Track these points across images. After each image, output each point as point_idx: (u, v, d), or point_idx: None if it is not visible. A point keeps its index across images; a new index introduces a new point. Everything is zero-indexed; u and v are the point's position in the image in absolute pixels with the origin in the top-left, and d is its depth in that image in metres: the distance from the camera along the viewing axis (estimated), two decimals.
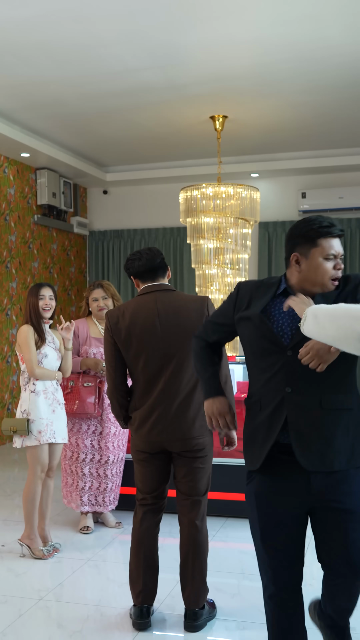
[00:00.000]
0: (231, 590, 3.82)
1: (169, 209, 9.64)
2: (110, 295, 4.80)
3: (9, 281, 8.24)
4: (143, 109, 6.97)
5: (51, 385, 4.39)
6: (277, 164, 8.90)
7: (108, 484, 4.80)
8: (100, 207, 10.23)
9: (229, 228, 7.12)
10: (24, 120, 7.30)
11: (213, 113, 7.14)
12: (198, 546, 3.35)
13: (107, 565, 4.24)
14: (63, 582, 3.94)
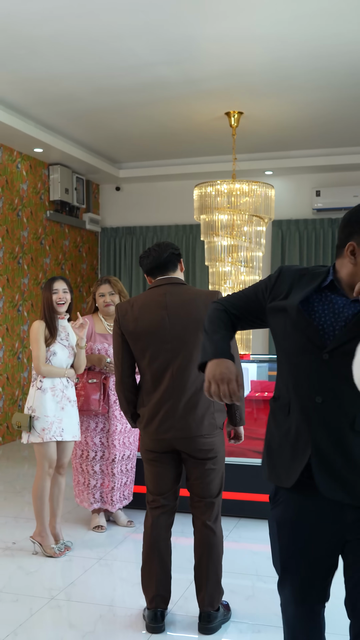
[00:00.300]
0: (245, 592, 3.76)
1: (182, 206, 9.58)
2: (117, 291, 4.75)
3: (21, 277, 8.20)
4: (157, 104, 6.91)
5: (60, 382, 4.33)
6: (291, 162, 8.82)
7: (115, 482, 4.73)
8: (112, 203, 10.19)
9: (243, 225, 7.06)
10: (38, 115, 7.26)
11: (228, 109, 7.07)
12: (212, 548, 3.30)
13: (119, 565, 4.19)
14: (75, 581, 3.89)
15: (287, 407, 2.17)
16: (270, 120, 7.41)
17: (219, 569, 3.31)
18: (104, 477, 4.76)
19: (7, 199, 7.90)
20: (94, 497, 4.76)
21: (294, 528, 2.18)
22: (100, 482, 4.76)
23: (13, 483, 6.12)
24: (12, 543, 4.52)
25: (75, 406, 4.41)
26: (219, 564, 3.31)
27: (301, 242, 9.36)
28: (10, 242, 7.98)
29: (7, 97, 6.69)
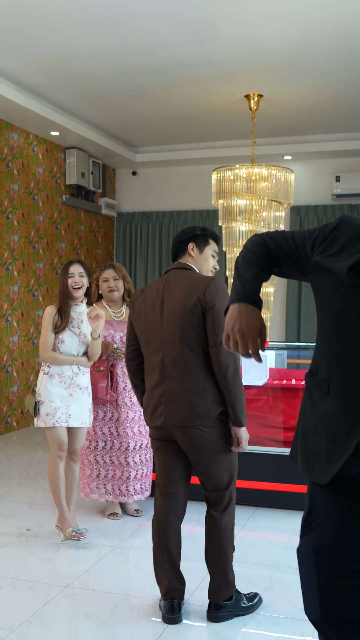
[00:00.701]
0: (263, 583, 3.68)
1: (199, 191, 9.47)
2: (121, 276, 4.65)
3: (36, 262, 8.14)
4: (176, 86, 6.79)
5: (69, 369, 4.24)
6: (310, 146, 8.68)
7: (131, 472, 4.63)
8: (128, 188, 10.09)
9: (261, 211, 6.94)
10: (54, 97, 7.16)
11: (248, 92, 6.94)
12: (215, 539, 3.22)
13: (135, 553, 4.12)
14: (89, 569, 3.84)
15: (326, 385, 1.83)
16: (290, 103, 7.27)
17: (223, 560, 3.22)
18: (115, 468, 4.65)
19: (23, 183, 7.83)
20: (105, 488, 4.66)
21: (340, 559, 1.69)
22: (112, 474, 4.65)
23: (27, 469, 6.08)
24: (26, 529, 4.48)
25: (87, 393, 4.32)
26: (223, 555, 3.21)
27: None
28: (26, 226, 7.91)
29: (24, 78, 6.60)
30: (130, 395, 4.63)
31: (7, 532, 4.42)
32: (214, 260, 3.36)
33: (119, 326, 4.65)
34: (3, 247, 7.49)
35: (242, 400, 3.10)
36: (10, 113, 7.20)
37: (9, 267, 7.61)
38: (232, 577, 3.26)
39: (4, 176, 7.48)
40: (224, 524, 3.22)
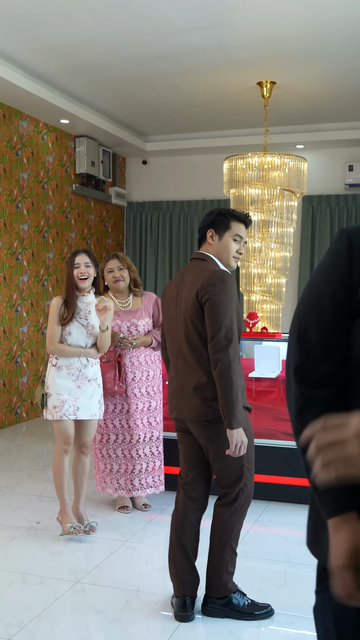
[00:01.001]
0: (277, 579, 3.61)
1: (210, 180, 9.38)
2: (126, 265, 4.56)
3: (46, 251, 8.06)
4: (187, 74, 6.68)
5: (77, 361, 4.15)
6: (323, 135, 8.56)
7: (142, 465, 4.56)
8: (139, 177, 9.99)
9: (274, 200, 6.84)
10: (64, 84, 7.07)
11: (261, 79, 6.82)
12: (214, 534, 3.15)
13: (146, 548, 4.06)
14: (100, 564, 3.77)
15: None
16: (303, 90, 7.15)
17: (217, 557, 3.12)
18: (127, 462, 4.57)
19: (32, 171, 7.75)
20: (118, 483, 4.58)
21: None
22: (124, 468, 4.57)
23: (37, 460, 6.03)
24: (36, 522, 4.42)
25: (96, 384, 4.22)
26: (218, 552, 3.12)
27: (332, 219, 9.11)
28: (36, 215, 7.84)
29: (33, 64, 6.51)
30: (140, 386, 4.55)
31: (16, 525, 4.36)
32: (236, 244, 3.15)
33: (126, 316, 4.57)
34: (13, 236, 7.42)
35: (232, 400, 2.89)
36: (19, 101, 7.11)
37: (19, 256, 7.54)
38: (225, 579, 3.13)
39: (13, 165, 7.40)
40: (225, 521, 3.11)
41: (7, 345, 7.37)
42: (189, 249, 9.66)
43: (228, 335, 2.93)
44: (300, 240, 9.21)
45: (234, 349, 2.93)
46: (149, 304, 4.66)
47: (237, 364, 2.95)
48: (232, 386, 2.90)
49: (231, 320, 2.94)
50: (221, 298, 2.95)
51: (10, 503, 4.82)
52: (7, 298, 7.36)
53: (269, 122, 7.79)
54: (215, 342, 2.92)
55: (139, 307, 4.62)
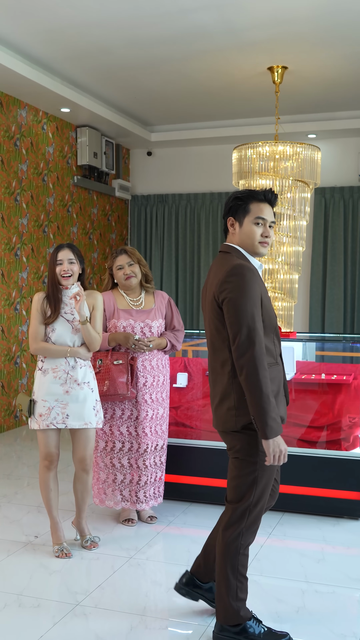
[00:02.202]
0: (294, 601, 3.39)
1: (218, 172, 9.20)
2: (136, 260, 4.32)
3: (47, 247, 7.86)
4: (194, 58, 6.46)
5: (64, 362, 3.86)
6: (337, 124, 8.33)
7: (148, 477, 4.33)
8: (143, 169, 9.80)
9: (286, 192, 6.61)
10: (65, 70, 6.85)
11: (271, 63, 6.59)
12: (220, 558, 2.94)
13: (152, 566, 3.83)
14: (102, 584, 3.55)
15: None
16: (316, 76, 6.92)
17: (225, 582, 2.90)
18: (133, 472, 4.34)
19: (32, 163, 7.54)
20: (121, 494, 4.34)
21: None
22: (129, 478, 4.34)
23: (37, 467, 5.82)
24: (34, 537, 4.20)
25: (89, 388, 3.91)
26: (226, 576, 2.90)
27: (346, 211, 8.88)
28: (36, 209, 7.64)
29: (32, 49, 6.29)
30: (150, 392, 4.32)
31: (13, 540, 4.15)
32: (260, 227, 2.87)
33: (139, 316, 4.33)
34: (11, 231, 7.22)
35: (263, 408, 2.67)
36: (18, 88, 6.90)
37: (18, 252, 7.34)
38: (237, 605, 2.89)
39: (12, 156, 7.20)
40: (229, 544, 2.90)
41: (5, 345, 7.17)
42: (196, 244, 9.45)
43: (251, 335, 2.69)
44: (313, 234, 8.97)
45: (259, 351, 2.68)
46: (162, 304, 4.43)
47: (266, 368, 2.70)
48: (262, 393, 2.67)
49: (253, 319, 2.70)
50: (239, 295, 2.71)
51: (7, 515, 4.61)
52: (6, 296, 7.16)
53: (279, 110, 7.56)
54: (238, 346, 2.71)
55: (152, 307, 4.38)
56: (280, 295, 6.72)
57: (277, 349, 2.90)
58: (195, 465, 4.69)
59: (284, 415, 2.89)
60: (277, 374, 2.85)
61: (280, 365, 2.91)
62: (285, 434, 4.73)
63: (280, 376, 2.89)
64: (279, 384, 2.87)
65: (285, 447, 2.74)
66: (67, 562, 3.82)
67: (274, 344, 2.87)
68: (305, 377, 4.86)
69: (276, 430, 2.70)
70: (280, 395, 2.88)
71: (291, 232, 6.68)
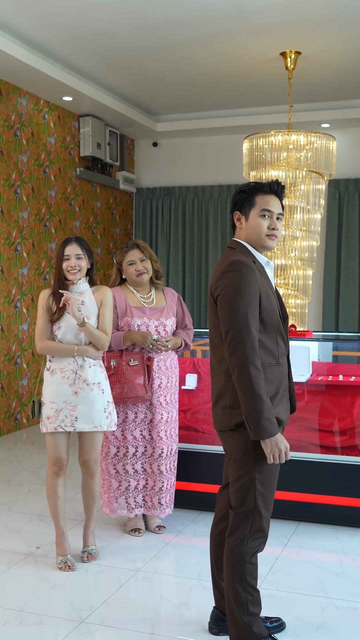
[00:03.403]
0: (314, 618, 3.28)
1: (228, 163, 9.10)
2: (148, 256, 4.22)
3: (48, 242, 7.77)
4: (202, 44, 6.35)
5: (71, 361, 3.77)
6: (352, 112, 8.22)
7: (164, 483, 4.22)
8: (149, 161, 9.71)
9: (299, 183, 6.50)
10: (67, 56, 6.75)
11: (284, 48, 6.48)
12: (227, 568, 2.86)
13: (161, 579, 3.73)
14: (108, 599, 3.45)
15: None
16: (331, 61, 6.80)
17: (234, 594, 2.81)
18: (147, 477, 4.24)
19: (32, 154, 7.45)
20: (135, 501, 4.22)
21: None
22: (143, 483, 4.24)
23: (38, 472, 5.72)
24: (35, 547, 4.10)
25: (99, 389, 3.81)
26: (233, 587, 2.81)
27: None
28: (37, 202, 7.54)
29: (32, 34, 6.18)
30: (165, 393, 4.22)
31: (13, 551, 4.05)
32: (266, 220, 2.84)
33: (153, 313, 4.22)
34: (11, 225, 7.13)
35: (255, 408, 2.64)
36: (17, 75, 6.80)
37: (18, 247, 7.25)
38: (249, 621, 2.79)
39: (11, 146, 7.10)
40: (234, 551, 2.82)
41: (5, 344, 7.08)
42: (204, 238, 9.35)
43: (242, 334, 2.65)
44: (326, 228, 8.85)
45: (251, 350, 2.65)
46: (173, 302, 4.34)
47: (258, 367, 2.66)
48: (254, 393, 2.63)
49: (246, 317, 2.66)
50: (233, 292, 2.69)
51: (7, 524, 4.51)
52: (5, 293, 7.07)
53: (292, 98, 7.45)
54: (229, 344, 2.69)
55: (163, 305, 4.29)
56: (294, 293, 6.61)
57: (281, 350, 2.85)
58: (205, 471, 4.58)
59: (285, 419, 2.84)
60: (277, 375, 2.80)
61: (283, 366, 2.86)
62: (300, 439, 4.63)
63: (281, 377, 2.83)
64: (278, 386, 2.81)
65: (286, 445, 2.69)
66: (71, 575, 3.72)
67: (277, 344, 2.82)
68: (321, 379, 4.75)
69: (270, 431, 2.66)
70: (280, 398, 2.82)
71: (305, 226, 6.57)
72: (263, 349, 2.75)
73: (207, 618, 3.20)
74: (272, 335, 2.79)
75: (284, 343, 2.87)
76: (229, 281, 2.70)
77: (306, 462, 4.43)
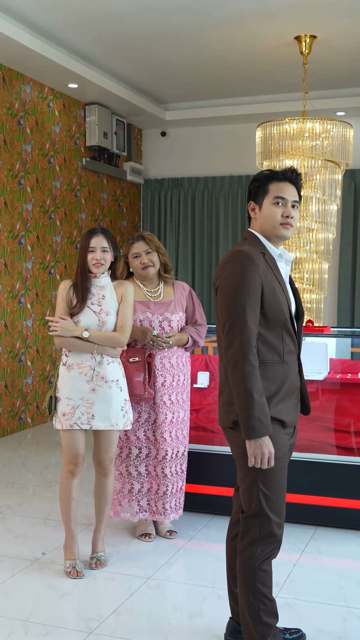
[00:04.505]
0: (335, 630, 3.18)
1: (239, 153, 9.04)
2: (154, 248, 4.13)
3: (53, 234, 7.69)
4: (214, 28, 6.27)
5: (90, 357, 3.72)
6: None
7: (168, 487, 4.13)
8: (157, 151, 9.66)
9: (315, 173, 6.41)
10: (72, 41, 6.67)
11: (299, 32, 6.39)
12: (239, 575, 2.79)
13: (173, 587, 3.64)
14: (118, 609, 3.36)
15: None
16: (348, 46, 6.71)
17: (246, 602, 2.74)
18: (151, 480, 4.15)
19: (37, 143, 7.37)
20: (139, 505, 4.15)
21: None
22: (148, 487, 4.16)
23: (44, 474, 5.65)
24: (41, 553, 4.02)
25: (117, 387, 3.76)
26: (244, 595, 2.74)
27: None
28: (41, 193, 7.46)
29: (36, 18, 6.10)
30: (169, 392, 4.13)
31: (18, 557, 3.97)
32: (280, 207, 2.76)
33: (157, 308, 4.13)
34: (15, 217, 7.05)
35: (245, 405, 2.58)
36: (21, 61, 6.72)
37: (22, 240, 7.17)
38: (262, 632, 2.71)
39: (15, 135, 7.02)
40: (244, 557, 2.75)
41: (9, 341, 7.00)
42: (214, 231, 9.27)
43: (237, 328, 2.60)
44: (341, 220, 8.75)
45: (246, 345, 2.59)
46: (182, 296, 4.23)
47: (253, 364, 2.59)
48: (245, 389, 2.58)
49: (243, 310, 2.60)
50: (231, 284, 2.64)
51: (11, 528, 4.43)
52: (9, 288, 6.99)
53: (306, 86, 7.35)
54: (225, 337, 2.65)
55: (171, 299, 4.19)
56: (308, 287, 6.52)
57: (288, 347, 2.77)
58: (219, 473, 4.50)
59: (289, 420, 2.77)
60: (280, 373, 2.72)
61: (290, 365, 2.78)
62: (317, 439, 4.55)
63: (285, 376, 2.75)
64: (280, 385, 2.73)
65: (270, 450, 2.61)
66: (79, 583, 3.64)
67: (283, 341, 2.74)
68: (340, 377, 4.65)
69: (259, 431, 2.59)
70: (282, 397, 2.74)
71: (320, 218, 6.48)
72: (265, 345, 2.69)
73: (222, 629, 3.11)
74: (277, 332, 2.72)
75: (292, 340, 2.79)
76: (229, 272, 2.66)
77: (323, 463, 4.35)
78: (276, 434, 2.70)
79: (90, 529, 4.24)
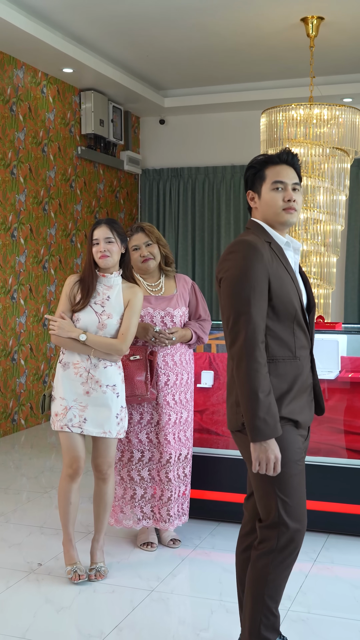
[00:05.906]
0: None
1: (242, 141, 8.97)
2: (155, 240, 4.04)
3: (47, 227, 7.60)
4: (216, 8, 6.21)
5: (86, 359, 3.63)
6: None
7: (172, 492, 4.04)
8: (156, 139, 9.61)
9: (322, 162, 6.32)
10: (67, 23, 6.59)
11: (306, 13, 6.32)
12: (248, 584, 2.71)
13: (178, 599, 3.55)
14: (120, 624, 3.27)
15: None
16: (357, 28, 6.63)
17: (249, 612, 2.66)
18: (155, 485, 4.06)
19: (30, 131, 7.28)
20: (142, 512, 4.06)
21: None
22: (151, 492, 4.06)
23: (38, 478, 5.56)
24: (37, 564, 3.92)
25: (113, 393, 3.65)
26: (249, 605, 2.66)
27: None
28: (34, 183, 7.37)
29: None
30: (173, 392, 4.03)
31: (13, 568, 3.87)
32: (280, 192, 2.67)
33: (159, 303, 4.03)
34: (7, 208, 6.96)
35: (250, 406, 2.50)
36: (13, 44, 6.63)
37: (15, 233, 7.09)
38: None
39: (7, 122, 6.93)
40: (257, 568, 2.66)
41: (1, 339, 6.92)
42: (215, 223, 9.20)
43: (241, 322, 2.51)
44: (349, 212, 8.67)
45: (251, 340, 2.50)
46: (185, 290, 4.14)
47: (259, 361, 2.50)
48: (249, 389, 2.49)
49: (248, 303, 2.51)
50: (234, 274, 2.55)
51: (4, 537, 4.33)
52: (1, 283, 6.92)
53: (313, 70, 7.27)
54: (228, 333, 2.56)
55: (173, 293, 4.10)
56: (316, 281, 6.43)
57: (300, 342, 2.67)
58: (224, 478, 4.42)
59: (303, 420, 2.66)
60: (291, 370, 2.63)
61: (302, 360, 2.68)
62: (328, 442, 4.46)
63: (297, 373, 2.65)
64: (292, 382, 2.63)
65: (276, 455, 2.51)
66: (77, 596, 3.54)
67: (294, 335, 2.65)
68: (352, 376, 4.57)
69: (264, 433, 2.49)
70: (294, 395, 2.64)
71: (328, 209, 6.38)
72: (276, 340, 2.60)
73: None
74: (288, 325, 2.62)
75: (304, 335, 2.70)
76: (232, 263, 2.58)
77: (334, 467, 4.28)
78: (290, 435, 2.61)
79: (89, 538, 4.14)
